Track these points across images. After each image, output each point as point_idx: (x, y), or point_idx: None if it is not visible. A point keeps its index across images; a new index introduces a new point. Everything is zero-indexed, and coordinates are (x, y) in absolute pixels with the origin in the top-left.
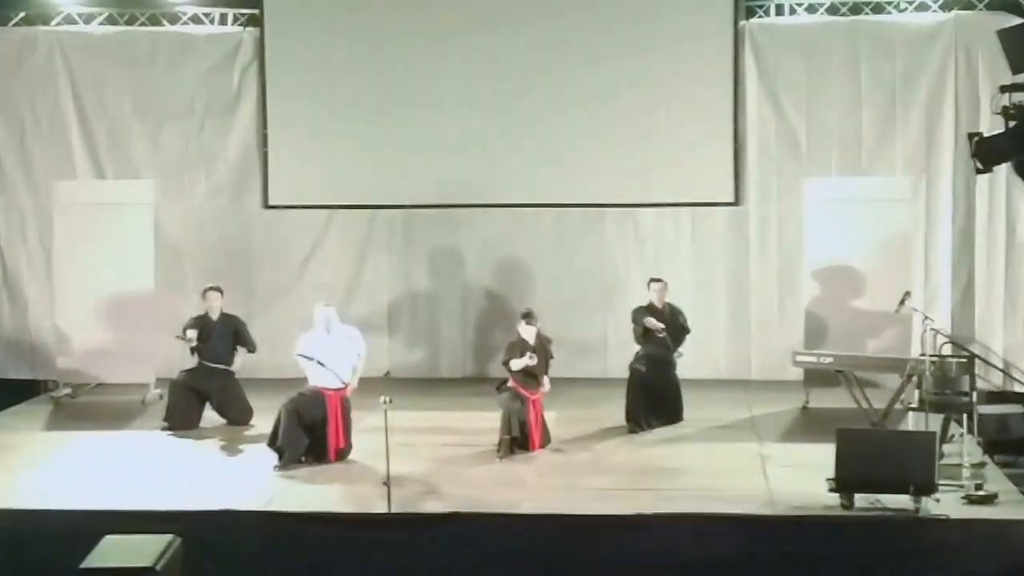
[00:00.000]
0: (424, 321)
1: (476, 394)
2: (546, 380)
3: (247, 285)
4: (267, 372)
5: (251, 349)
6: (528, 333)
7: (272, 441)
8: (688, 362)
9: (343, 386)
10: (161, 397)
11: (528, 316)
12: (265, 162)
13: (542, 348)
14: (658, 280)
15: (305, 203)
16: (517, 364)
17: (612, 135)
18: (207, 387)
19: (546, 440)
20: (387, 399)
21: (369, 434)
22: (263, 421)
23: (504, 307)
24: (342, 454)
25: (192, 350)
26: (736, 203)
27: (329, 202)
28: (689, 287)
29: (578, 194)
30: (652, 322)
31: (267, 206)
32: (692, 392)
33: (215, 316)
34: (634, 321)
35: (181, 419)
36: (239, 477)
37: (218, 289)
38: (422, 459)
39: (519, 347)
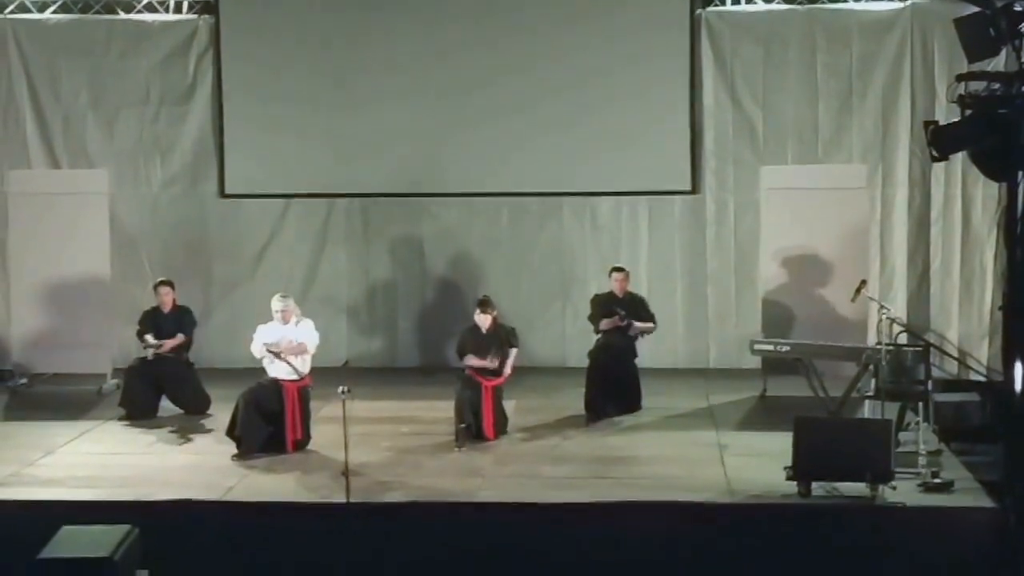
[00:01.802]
0: (382, 310)
1: (435, 383)
2: (508, 366)
3: (204, 275)
4: (223, 362)
5: (186, 336)
6: (482, 321)
7: (230, 431)
8: (646, 351)
9: (301, 377)
10: (118, 387)
11: (483, 304)
12: (221, 151)
13: (496, 337)
14: (620, 269)
15: (262, 192)
16: (472, 361)
17: (569, 124)
18: (161, 376)
19: (502, 428)
20: (345, 389)
21: (328, 424)
22: (221, 411)
23: (462, 296)
24: (300, 445)
25: (155, 355)
26: (693, 191)
27: (286, 191)
28: (646, 276)
29: (535, 183)
30: (608, 323)
31: (223, 195)
32: (650, 381)
33: (167, 310)
34: (592, 310)
35: (138, 408)
36: (197, 467)
37: (169, 283)
38: (381, 449)
39: (471, 336)
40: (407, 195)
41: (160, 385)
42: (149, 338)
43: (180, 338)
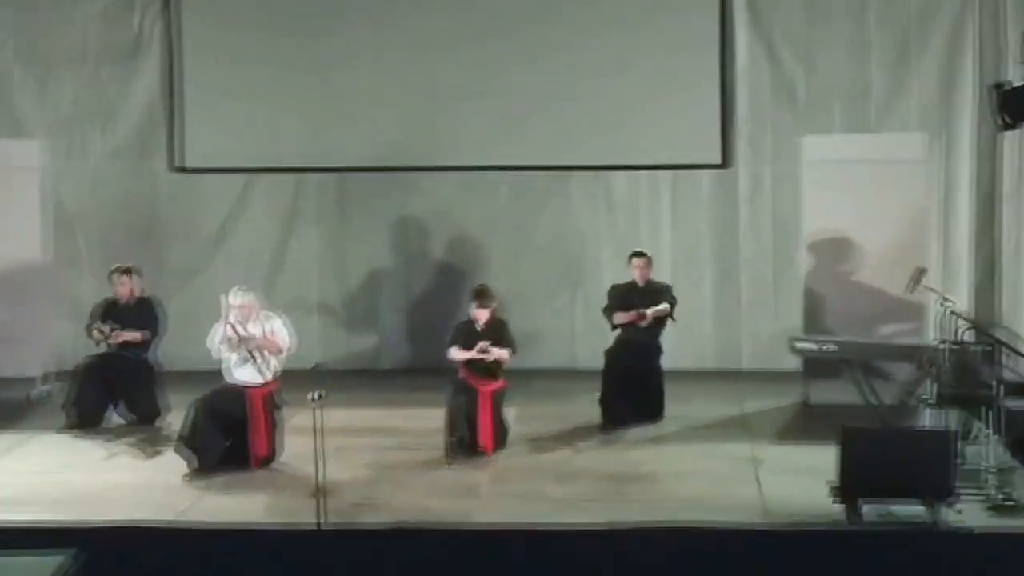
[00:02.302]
0: (361, 303)
1: (423, 388)
2: (499, 354)
3: (154, 261)
4: (177, 364)
5: (153, 331)
6: (479, 315)
7: (185, 443)
8: (670, 350)
9: (267, 382)
10: (49, 394)
11: (480, 295)
12: (172, 117)
13: (495, 334)
14: (641, 254)
15: (221, 165)
16: (458, 355)
17: (579, 86)
18: (115, 379)
19: (502, 441)
20: (318, 395)
21: (298, 436)
22: (175, 420)
23: (455, 286)
24: (266, 462)
25: (109, 346)
26: (724, 165)
27: (250, 164)
28: (670, 262)
29: (539, 155)
30: (623, 317)
31: (176, 169)
32: (674, 385)
33: (124, 301)
34: (609, 302)
35: (84, 416)
36: (145, 486)
37: (127, 271)
38: (360, 465)
39: (465, 333)
40: (390, 169)
41: (112, 389)
42: (100, 328)
43: (140, 335)
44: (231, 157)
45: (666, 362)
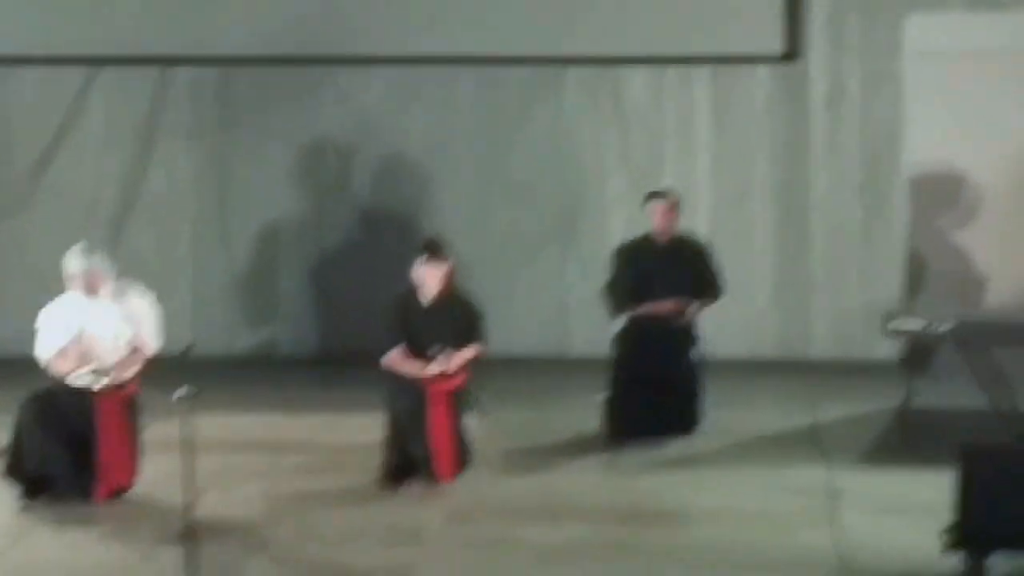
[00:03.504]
0: (253, 259)
1: (345, 383)
2: (456, 360)
3: None
4: None
5: None
6: (428, 279)
7: (13, 465)
8: (711, 331)
9: (121, 384)
10: None
11: (430, 249)
12: None
13: (450, 309)
14: (662, 195)
15: (45, 54)
16: (400, 365)
17: None
18: None
19: (463, 462)
20: (187, 391)
21: (160, 451)
22: None
23: (389, 238)
24: (119, 492)
25: None
26: (789, 57)
27: (88, 51)
28: (709, 202)
29: (519, 40)
30: (649, 308)
31: None
32: (716, 380)
33: None
34: (614, 272)
35: None
36: None
37: None
38: (250, 496)
39: (406, 308)
40: (298, 60)
41: None
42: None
43: None
44: (60, 42)
45: (704, 348)
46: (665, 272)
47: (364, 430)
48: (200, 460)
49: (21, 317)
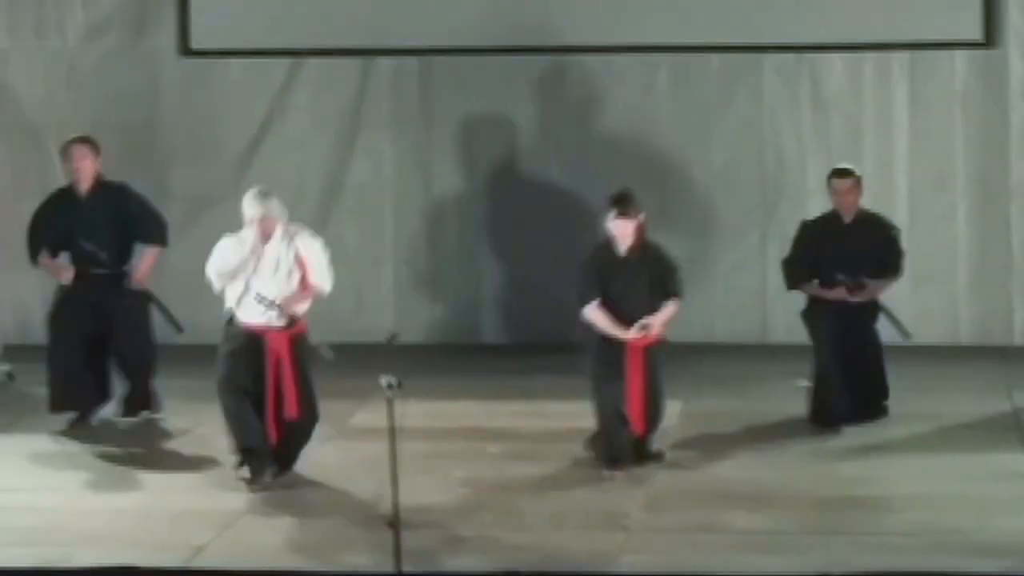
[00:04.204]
0: (455, 246)
1: (544, 371)
2: (659, 322)
3: (155, 183)
4: (185, 335)
5: (156, 240)
6: (621, 230)
7: (240, 443)
8: (905, 314)
9: (290, 323)
10: (10, 377)
11: (620, 202)
12: None
13: (648, 263)
14: (846, 173)
15: (252, 47)
16: (601, 321)
17: None
18: (94, 314)
19: (655, 420)
20: (393, 381)
21: (363, 439)
22: (180, 413)
23: (591, 225)
24: (301, 431)
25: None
26: (988, 44)
27: (293, 44)
28: (905, 187)
29: (714, 29)
30: (820, 291)
31: (187, 52)
32: (907, 366)
33: (85, 187)
34: (794, 252)
35: (68, 394)
36: (146, 513)
37: (87, 141)
38: (453, 482)
39: (601, 261)
40: (495, 51)
41: (99, 340)
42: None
43: (150, 254)
44: (267, 36)
45: (894, 334)
46: (848, 249)
47: (566, 417)
48: (404, 446)
49: (223, 306)
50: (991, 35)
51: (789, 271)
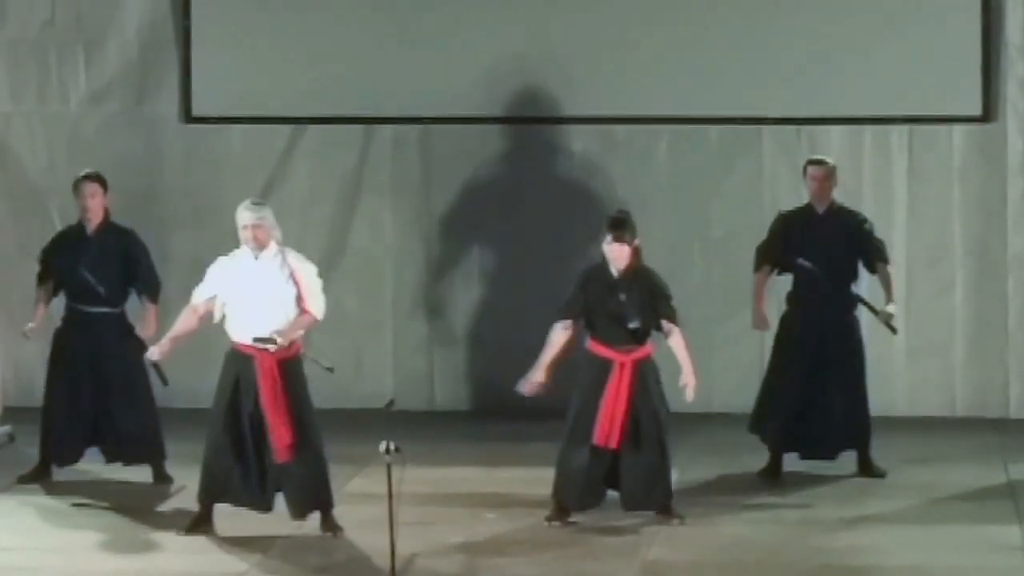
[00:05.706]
0: (454, 313)
1: (547, 437)
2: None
3: (156, 248)
4: (182, 399)
5: (149, 292)
6: (617, 254)
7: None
8: (901, 385)
9: (279, 343)
10: (11, 438)
11: (616, 227)
12: (186, 45)
13: (639, 284)
14: (822, 163)
15: (255, 114)
16: (555, 340)
17: (774, 7)
18: (88, 351)
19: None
20: (391, 446)
21: (360, 503)
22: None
23: None
24: (301, 449)
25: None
26: (986, 118)
27: (295, 112)
28: (904, 257)
29: (715, 102)
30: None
31: (190, 118)
32: (902, 437)
33: (94, 223)
34: (769, 239)
35: (60, 442)
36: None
37: (96, 179)
38: (448, 548)
39: (594, 282)
40: (495, 120)
41: (98, 393)
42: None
43: (152, 311)
44: (270, 102)
45: (897, 406)
46: (820, 239)
47: None
48: (401, 511)
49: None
50: (990, 110)
51: (756, 256)
